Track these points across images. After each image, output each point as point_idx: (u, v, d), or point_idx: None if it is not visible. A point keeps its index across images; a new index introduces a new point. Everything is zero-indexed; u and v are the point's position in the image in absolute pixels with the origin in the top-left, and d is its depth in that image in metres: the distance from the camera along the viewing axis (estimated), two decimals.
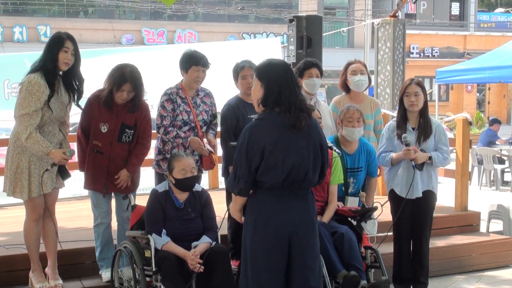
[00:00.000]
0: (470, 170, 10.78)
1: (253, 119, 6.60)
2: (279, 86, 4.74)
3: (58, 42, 6.09)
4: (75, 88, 6.28)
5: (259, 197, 4.82)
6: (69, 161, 6.38)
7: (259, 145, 4.69)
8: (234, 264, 6.35)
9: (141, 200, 6.57)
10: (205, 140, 6.88)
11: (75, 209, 9.11)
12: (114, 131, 6.42)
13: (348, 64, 7.69)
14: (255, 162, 4.71)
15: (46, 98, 5.97)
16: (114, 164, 6.44)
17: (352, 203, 6.58)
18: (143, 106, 6.56)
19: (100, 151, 6.42)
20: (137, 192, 6.77)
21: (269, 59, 5.00)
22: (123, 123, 6.44)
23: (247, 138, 4.74)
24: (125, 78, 6.31)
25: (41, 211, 6.23)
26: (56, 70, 6.09)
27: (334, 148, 6.17)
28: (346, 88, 7.74)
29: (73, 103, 6.34)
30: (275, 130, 4.72)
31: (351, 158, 6.69)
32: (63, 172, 6.21)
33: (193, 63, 6.72)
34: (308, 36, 9.75)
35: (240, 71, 6.78)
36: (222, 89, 8.45)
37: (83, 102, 6.47)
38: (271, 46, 13.76)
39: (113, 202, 6.68)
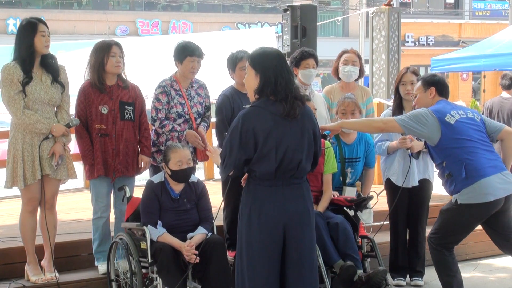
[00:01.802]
0: None
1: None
2: (275, 75, 4.71)
3: (32, 28, 6.07)
4: (53, 67, 6.23)
5: (253, 187, 4.81)
6: (71, 152, 6.40)
7: (253, 132, 4.67)
8: (230, 255, 6.34)
9: (137, 191, 6.56)
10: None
11: (71, 201, 9.12)
12: (115, 110, 6.43)
13: (343, 53, 7.62)
14: (248, 149, 4.69)
15: (20, 79, 5.97)
16: (121, 144, 6.45)
17: (350, 193, 6.56)
18: (133, 85, 6.64)
19: (105, 133, 6.41)
20: (135, 183, 6.77)
21: (262, 48, 4.96)
22: (121, 101, 6.47)
23: (240, 124, 4.70)
24: (109, 43, 6.45)
25: (36, 203, 6.22)
26: (33, 56, 6.08)
27: (329, 137, 6.15)
28: (338, 75, 7.70)
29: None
30: (269, 118, 4.69)
31: (349, 148, 6.68)
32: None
33: (188, 54, 6.69)
34: (303, 25, 9.74)
35: (239, 62, 6.71)
36: (217, 79, 8.43)
37: (73, 96, 6.45)
38: (266, 36, 13.75)
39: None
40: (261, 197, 4.76)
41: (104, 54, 6.37)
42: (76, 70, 6.97)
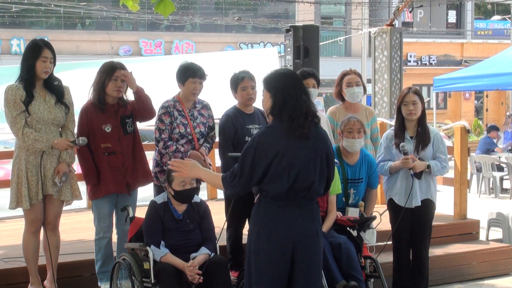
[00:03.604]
0: (468, 178, 10.76)
1: (251, 129, 6.64)
2: (284, 95, 4.70)
3: (35, 52, 6.09)
4: (57, 89, 6.24)
5: (263, 206, 4.77)
6: (75, 172, 6.41)
7: (267, 152, 4.64)
8: (233, 275, 6.33)
9: (140, 211, 6.56)
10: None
11: (74, 222, 9.10)
12: (118, 127, 6.48)
13: (343, 75, 7.65)
14: (259, 170, 4.64)
15: (22, 99, 6.00)
16: (129, 159, 6.50)
17: (353, 213, 6.55)
18: (130, 100, 6.67)
19: (112, 151, 6.44)
20: (136, 203, 6.77)
21: (276, 69, 5.01)
22: (121, 116, 6.52)
23: (255, 144, 4.67)
24: (114, 66, 6.49)
25: (39, 224, 6.22)
26: (33, 79, 6.10)
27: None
28: (341, 97, 7.72)
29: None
30: (283, 139, 4.67)
31: (352, 169, 6.68)
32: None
33: (189, 75, 6.71)
34: (305, 45, 9.76)
35: (240, 82, 6.74)
36: (220, 99, 8.44)
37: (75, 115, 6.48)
38: (268, 56, 13.76)
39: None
40: (271, 216, 4.73)
41: (106, 76, 6.40)
42: (79, 90, 6.99)
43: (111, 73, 6.41)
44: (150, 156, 7.16)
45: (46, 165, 6.12)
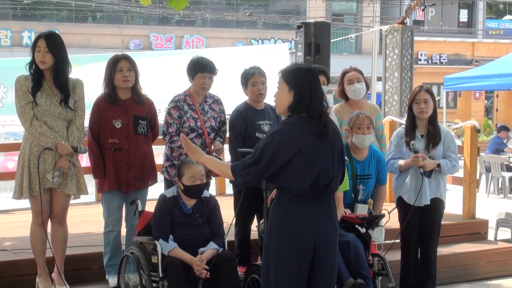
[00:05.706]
0: (478, 177, 10.73)
1: (262, 125, 6.64)
2: (311, 92, 4.67)
3: (33, 43, 6.12)
4: (61, 88, 6.16)
5: (284, 203, 4.73)
6: (83, 166, 6.41)
7: (287, 149, 4.60)
8: (241, 271, 6.34)
9: (149, 205, 6.57)
10: (212, 147, 6.83)
11: (82, 214, 9.12)
12: (128, 124, 6.48)
13: (344, 73, 7.61)
14: (276, 165, 4.60)
15: (30, 90, 6.00)
16: (134, 158, 6.49)
17: (362, 210, 6.54)
18: (148, 99, 6.70)
19: (118, 147, 6.45)
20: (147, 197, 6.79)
21: (296, 64, 4.95)
22: (135, 115, 6.52)
23: (276, 140, 4.62)
24: (117, 58, 6.53)
25: (45, 216, 6.19)
26: (38, 69, 6.09)
27: None
28: (344, 96, 7.69)
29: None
30: (304, 136, 4.64)
31: (361, 165, 6.66)
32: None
33: (199, 69, 6.71)
34: (316, 42, 9.73)
35: (250, 77, 6.75)
36: (230, 94, 8.44)
37: (87, 110, 6.47)
38: (279, 52, 13.73)
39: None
40: (292, 213, 4.69)
41: (111, 69, 6.43)
42: (90, 84, 6.99)
43: (115, 65, 6.45)
44: (160, 150, 7.16)
45: (47, 158, 6.11)
